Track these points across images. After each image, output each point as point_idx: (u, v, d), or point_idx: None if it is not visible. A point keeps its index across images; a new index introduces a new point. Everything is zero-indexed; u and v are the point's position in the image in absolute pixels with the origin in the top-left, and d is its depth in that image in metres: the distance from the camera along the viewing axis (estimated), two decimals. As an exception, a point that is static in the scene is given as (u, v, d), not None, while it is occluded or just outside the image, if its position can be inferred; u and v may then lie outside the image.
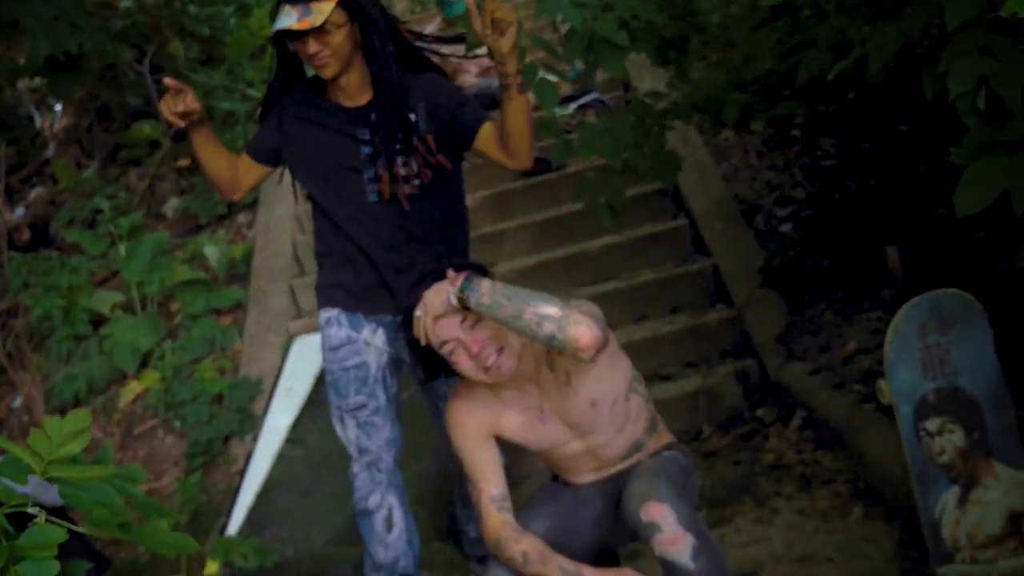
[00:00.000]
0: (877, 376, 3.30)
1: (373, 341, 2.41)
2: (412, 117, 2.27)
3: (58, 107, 7.75)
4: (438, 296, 1.88)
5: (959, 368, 1.98)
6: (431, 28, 5.01)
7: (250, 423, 4.00)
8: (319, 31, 2.11)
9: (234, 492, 3.49)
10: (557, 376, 1.95)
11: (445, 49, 2.53)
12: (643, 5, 2.43)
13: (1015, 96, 1.67)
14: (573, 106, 5.16)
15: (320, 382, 4.15)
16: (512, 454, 2.24)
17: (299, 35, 2.13)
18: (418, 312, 1.91)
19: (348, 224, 2.33)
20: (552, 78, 2.69)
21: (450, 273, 1.88)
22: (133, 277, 4.61)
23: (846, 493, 3.05)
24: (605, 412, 1.95)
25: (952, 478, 2.01)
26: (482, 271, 1.93)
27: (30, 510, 1.08)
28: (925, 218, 3.41)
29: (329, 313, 2.44)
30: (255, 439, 3.81)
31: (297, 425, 3.94)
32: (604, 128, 2.87)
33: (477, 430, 2.00)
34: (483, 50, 2.15)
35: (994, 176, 1.69)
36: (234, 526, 3.28)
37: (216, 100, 6.34)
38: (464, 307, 1.84)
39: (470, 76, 5.42)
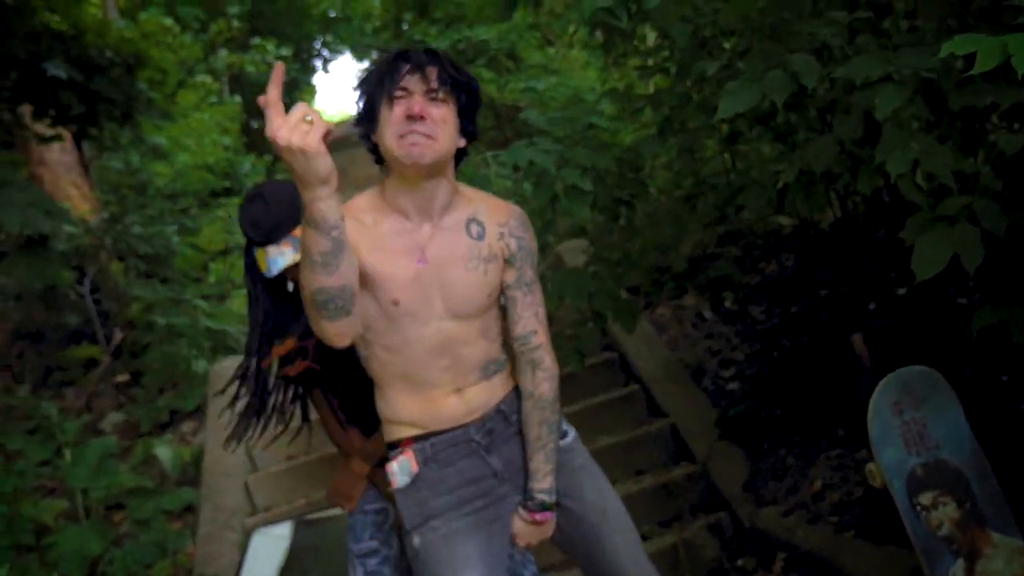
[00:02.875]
0: (848, 507, 3.38)
1: None
2: None
3: (-13, 338, 7.64)
4: None
5: (939, 441, 2.09)
6: None
7: (209, 625, 3.75)
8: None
9: None
10: (458, 221, 1.85)
11: None
12: (598, 157, 2.69)
13: (947, 174, 1.91)
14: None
15: (284, 572, 3.97)
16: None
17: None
18: None
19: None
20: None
21: None
22: (78, 483, 4.42)
23: (841, 621, 3.02)
24: (478, 292, 1.85)
25: (954, 551, 2.06)
26: None
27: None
28: (883, 307, 3.63)
29: None
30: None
31: (263, 621, 3.71)
32: (567, 276, 3.06)
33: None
34: None
35: (942, 244, 1.90)
36: None
37: (157, 316, 6.39)
38: None
39: None
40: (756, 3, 2.47)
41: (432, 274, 1.81)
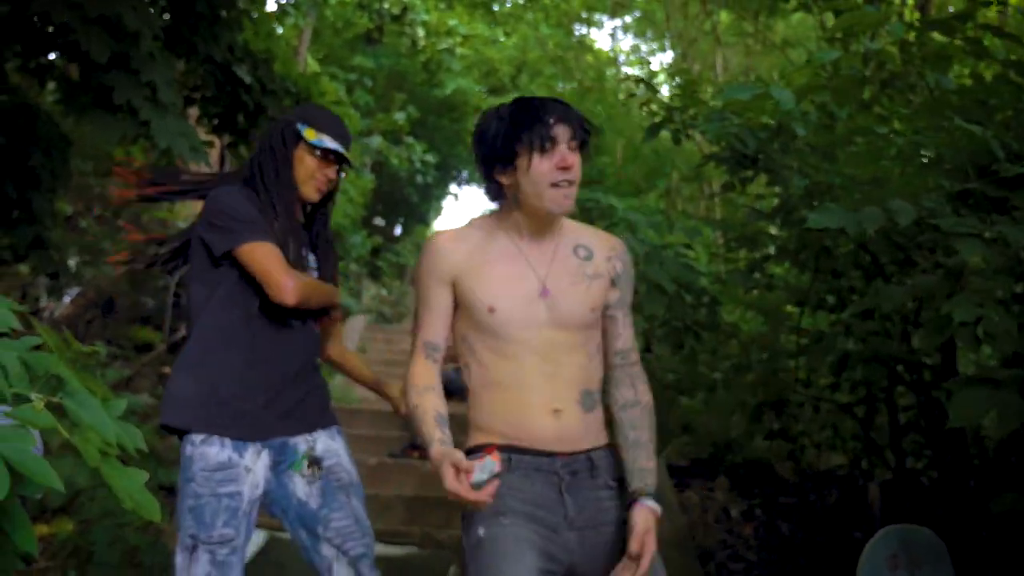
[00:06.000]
0: None
1: (255, 467, 2.23)
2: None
3: (67, 298, 8.02)
4: None
5: (927, 610, 2.02)
6: None
7: None
8: (345, 163, 2.42)
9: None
10: (567, 245, 1.96)
11: None
12: (683, 270, 2.83)
13: (1005, 338, 1.96)
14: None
15: None
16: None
17: (336, 159, 2.39)
18: None
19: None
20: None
21: None
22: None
23: None
24: (581, 306, 1.91)
25: None
26: None
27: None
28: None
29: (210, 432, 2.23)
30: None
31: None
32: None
33: (441, 274, 1.93)
34: None
35: (982, 400, 1.93)
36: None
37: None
38: None
39: None
40: (871, 168, 2.63)
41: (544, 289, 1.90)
